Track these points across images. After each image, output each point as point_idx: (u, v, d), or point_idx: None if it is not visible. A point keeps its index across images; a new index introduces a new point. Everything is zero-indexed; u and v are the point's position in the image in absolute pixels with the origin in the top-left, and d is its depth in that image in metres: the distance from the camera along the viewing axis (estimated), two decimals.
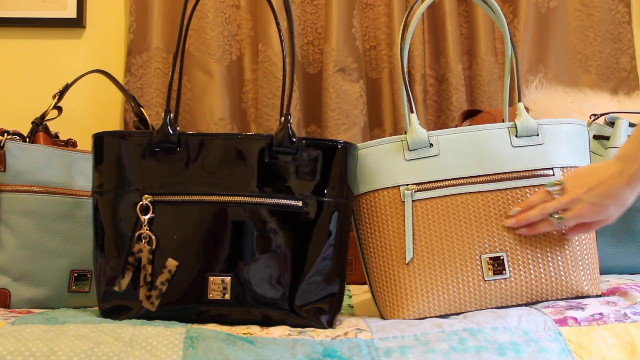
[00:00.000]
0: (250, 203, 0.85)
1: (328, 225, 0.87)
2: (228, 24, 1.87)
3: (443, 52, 1.86)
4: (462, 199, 0.93)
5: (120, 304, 0.85)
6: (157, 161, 0.87)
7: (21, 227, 1.05)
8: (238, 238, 0.85)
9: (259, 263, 0.85)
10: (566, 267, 0.92)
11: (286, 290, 0.85)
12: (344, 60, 1.83)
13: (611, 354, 0.78)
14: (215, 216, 0.85)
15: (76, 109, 1.77)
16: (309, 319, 0.86)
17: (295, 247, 0.86)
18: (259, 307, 0.85)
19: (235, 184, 0.86)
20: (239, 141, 0.87)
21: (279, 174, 0.86)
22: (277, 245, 0.85)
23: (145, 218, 0.85)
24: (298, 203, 0.86)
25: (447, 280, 0.91)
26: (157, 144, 0.87)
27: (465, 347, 0.76)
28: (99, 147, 0.89)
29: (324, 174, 0.87)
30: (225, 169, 0.86)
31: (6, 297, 1.03)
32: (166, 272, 0.84)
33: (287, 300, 0.85)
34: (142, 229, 0.85)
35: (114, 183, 0.87)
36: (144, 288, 0.84)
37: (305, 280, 0.86)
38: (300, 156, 0.87)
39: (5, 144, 1.05)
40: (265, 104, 1.79)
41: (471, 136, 0.95)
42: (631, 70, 1.92)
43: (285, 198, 0.86)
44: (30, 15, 1.85)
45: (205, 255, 0.85)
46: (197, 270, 0.84)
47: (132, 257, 0.85)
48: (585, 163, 0.98)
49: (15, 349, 0.70)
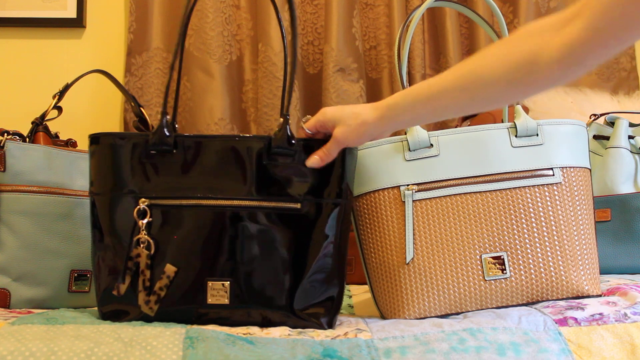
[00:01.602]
0: (248, 207, 0.84)
1: (327, 226, 0.86)
2: (228, 24, 1.87)
3: (443, 52, 1.86)
4: (462, 199, 0.93)
5: (120, 308, 0.85)
6: (154, 164, 0.85)
7: (21, 227, 1.05)
8: (237, 241, 0.84)
9: (259, 266, 0.84)
10: (566, 267, 0.92)
11: (286, 293, 0.85)
12: (344, 60, 1.83)
13: (611, 354, 0.78)
14: (213, 220, 0.84)
15: (76, 109, 1.77)
16: (308, 320, 0.85)
17: (294, 249, 0.85)
18: (258, 309, 0.84)
19: (234, 187, 0.85)
20: (236, 142, 0.85)
21: (277, 175, 0.85)
22: (276, 247, 0.85)
23: (143, 222, 0.84)
24: (297, 205, 0.85)
25: (448, 280, 0.91)
26: (153, 146, 0.85)
27: (465, 347, 0.76)
28: (95, 148, 0.88)
29: (323, 175, 0.87)
30: (223, 172, 0.85)
31: (6, 297, 1.03)
32: (165, 277, 0.84)
33: (287, 302, 0.85)
34: (140, 233, 0.84)
35: (109, 185, 0.86)
36: (142, 293, 0.84)
37: (304, 281, 0.85)
38: (299, 157, 0.86)
39: (5, 144, 1.05)
40: (265, 104, 1.79)
41: (471, 136, 0.95)
42: (631, 70, 1.92)
43: (284, 200, 0.85)
44: (30, 15, 1.85)
45: (204, 260, 0.84)
46: (196, 275, 0.84)
47: (130, 262, 0.84)
48: (584, 163, 0.98)
49: (15, 349, 0.70)
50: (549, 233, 0.92)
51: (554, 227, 0.93)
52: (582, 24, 0.63)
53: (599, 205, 1.24)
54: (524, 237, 0.92)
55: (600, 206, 1.24)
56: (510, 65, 0.72)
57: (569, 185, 0.95)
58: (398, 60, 1.00)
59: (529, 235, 0.92)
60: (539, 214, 0.93)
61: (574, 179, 0.95)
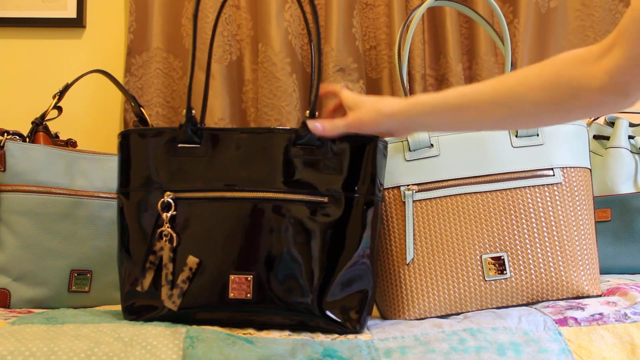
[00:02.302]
0: (274, 199, 0.83)
1: (358, 222, 0.83)
2: (228, 24, 1.87)
3: (443, 52, 1.86)
4: (462, 199, 0.93)
5: (144, 304, 0.83)
6: (180, 158, 0.85)
7: (21, 227, 1.05)
8: (261, 235, 0.82)
9: (284, 261, 0.82)
10: (566, 267, 0.92)
11: (313, 291, 0.81)
12: (344, 60, 1.83)
13: (611, 354, 0.78)
14: (238, 213, 0.83)
15: (76, 109, 1.77)
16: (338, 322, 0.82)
17: (321, 244, 0.82)
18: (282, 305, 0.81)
19: (259, 180, 0.83)
20: (263, 136, 0.84)
21: (303, 169, 0.84)
22: (303, 242, 0.82)
23: (167, 215, 0.83)
24: (324, 199, 0.83)
25: (448, 281, 0.91)
26: (180, 140, 0.85)
27: (465, 347, 0.76)
28: (125, 146, 0.87)
29: (352, 169, 0.84)
30: (249, 165, 0.84)
31: (6, 297, 1.03)
32: (187, 269, 0.82)
33: (315, 301, 0.81)
34: (163, 226, 0.83)
35: (139, 182, 0.86)
36: (165, 287, 0.82)
37: (334, 278, 0.82)
38: (326, 151, 0.84)
39: (5, 144, 1.05)
40: (265, 104, 1.79)
41: (471, 136, 0.95)
42: None
43: (310, 194, 0.83)
44: (30, 15, 1.85)
45: (228, 253, 0.82)
46: (219, 269, 0.82)
47: (153, 256, 0.83)
48: (584, 163, 0.98)
49: (15, 348, 0.70)
50: (549, 233, 0.92)
51: (554, 227, 0.93)
52: (620, 52, 0.64)
53: (599, 205, 1.24)
54: (524, 237, 0.92)
55: (600, 206, 1.25)
56: (554, 87, 0.71)
57: (569, 185, 0.95)
58: (398, 61, 1.00)
59: (529, 235, 0.92)
60: (539, 214, 0.93)
61: (574, 179, 0.95)
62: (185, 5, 1.88)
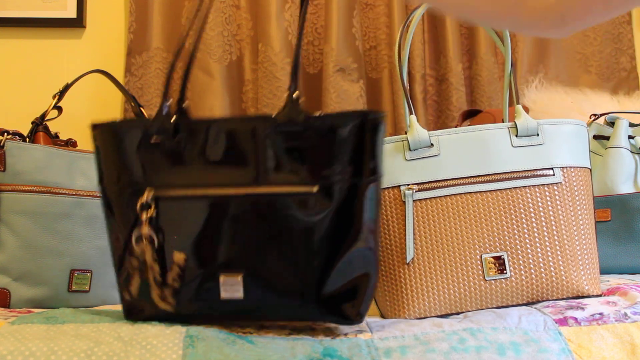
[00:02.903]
0: (257, 194, 0.76)
1: (351, 210, 0.75)
2: (228, 24, 1.87)
3: (443, 52, 1.86)
4: (462, 198, 0.93)
5: (139, 307, 0.81)
6: (155, 152, 0.78)
7: (21, 227, 1.05)
8: (250, 231, 0.76)
9: (274, 257, 0.76)
10: (566, 267, 0.92)
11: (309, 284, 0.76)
12: (344, 60, 1.83)
13: (611, 354, 0.78)
14: (222, 210, 0.76)
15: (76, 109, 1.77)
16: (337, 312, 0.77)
17: (313, 236, 0.76)
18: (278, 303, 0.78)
19: (242, 173, 0.76)
20: (242, 124, 0.76)
21: (289, 157, 0.75)
22: (294, 236, 0.76)
23: (145, 215, 0.78)
24: (312, 189, 0.74)
25: (448, 280, 0.91)
26: (153, 132, 0.78)
27: (465, 347, 0.76)
28: (97, 138, 0.82)
29: (341, 153, 0.75)
30: (230, 157, 0.77)
31: (6, 297, 1.03)
32: (175, 267, 0.78)
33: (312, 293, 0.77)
34: (142, 227, 0.78)
35: (114, 177, 0.80)
36: (155, 289, 0.79)
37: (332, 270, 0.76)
38: (311, 136, 0.75)
39: (5, 144, 1.05)
40: (265, 104, 1.79)
41: (471, 136, 0.95)
42: (631, 70, 1.92)
43: (299, 184, 0.75)
44: (30, 15, 1.85)
45: (215, 253, 0.77)
46: (207, 268, 0.78)
47: (136, 260, 0.79)
48: (585, 163, 0.98)
49: (15, 348, 0.70)
50: (549, 233, 0.92)
51: (554, 227, 0.93)
52: None
53: (599, 205, 1.24)
54: (524, 237, 0.92)
55: (600, 206, 1.24)
56: None
57: (569, 185, 0.95)
58: (398, 61, 1.00)
59: (529, 235, 0.92)
60: (539, 213, 0.93)
61: (574, 178, 0.95)
62: (185, 5, 1.88)
